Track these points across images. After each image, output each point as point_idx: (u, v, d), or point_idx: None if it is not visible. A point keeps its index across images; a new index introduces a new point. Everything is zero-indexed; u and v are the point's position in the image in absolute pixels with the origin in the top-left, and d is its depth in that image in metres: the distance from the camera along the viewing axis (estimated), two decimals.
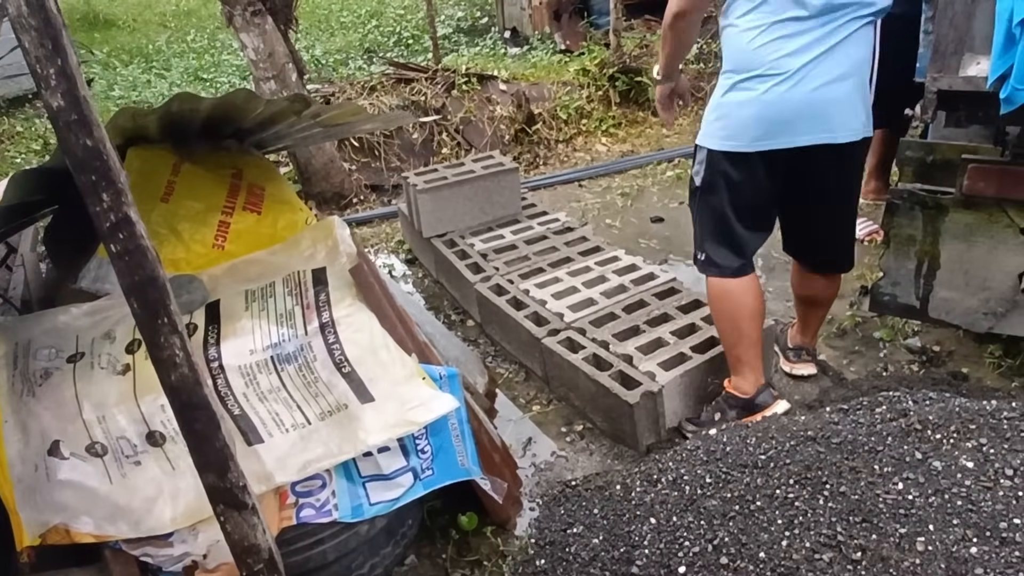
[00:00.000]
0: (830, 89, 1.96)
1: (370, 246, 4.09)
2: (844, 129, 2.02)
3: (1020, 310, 2.26)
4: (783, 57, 1.96)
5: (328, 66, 6.62)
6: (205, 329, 1.64)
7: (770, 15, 1.96)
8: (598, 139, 5.22)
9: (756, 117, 2.03)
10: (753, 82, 2.02)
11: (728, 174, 2.14)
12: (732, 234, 2.22)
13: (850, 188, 2.26)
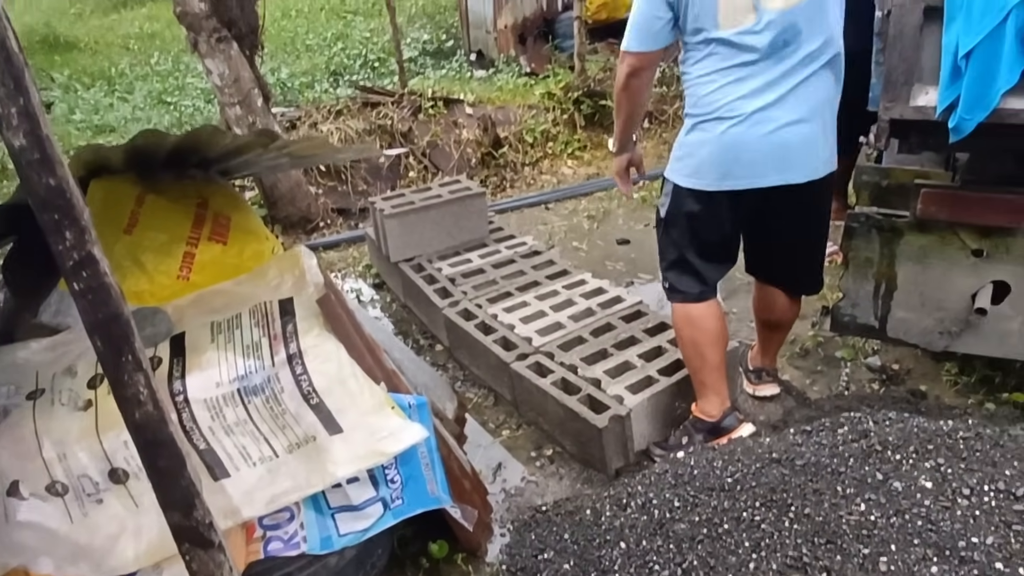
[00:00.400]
0: (788, 131, 2.02)
1: (337, 270, 4.07)
2: (804, 170, 2.07)
3: (973, 329, 2.33)
4: (737, 100, 2.02)
5: (294, 89, 6.61)
6: (170, 362, 1.62)
7: (721, 62, 2.03)
8: (564, 162, 5.27)
9: (716, 158, 2.09)
10: (712, 123, 2.08)
11: (691, 209, 2.19)
12: (693, 265, 2.28)
13: (816, 222, 2.29)
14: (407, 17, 9.72)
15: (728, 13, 1.99)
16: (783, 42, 1.96)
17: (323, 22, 9.61)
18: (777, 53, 1.97)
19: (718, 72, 2.04)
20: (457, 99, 5.35)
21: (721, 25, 2.01)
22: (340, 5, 10.52)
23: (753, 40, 1.97)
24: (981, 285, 2.26)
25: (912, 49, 1.88)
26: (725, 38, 2.01)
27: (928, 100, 1.91)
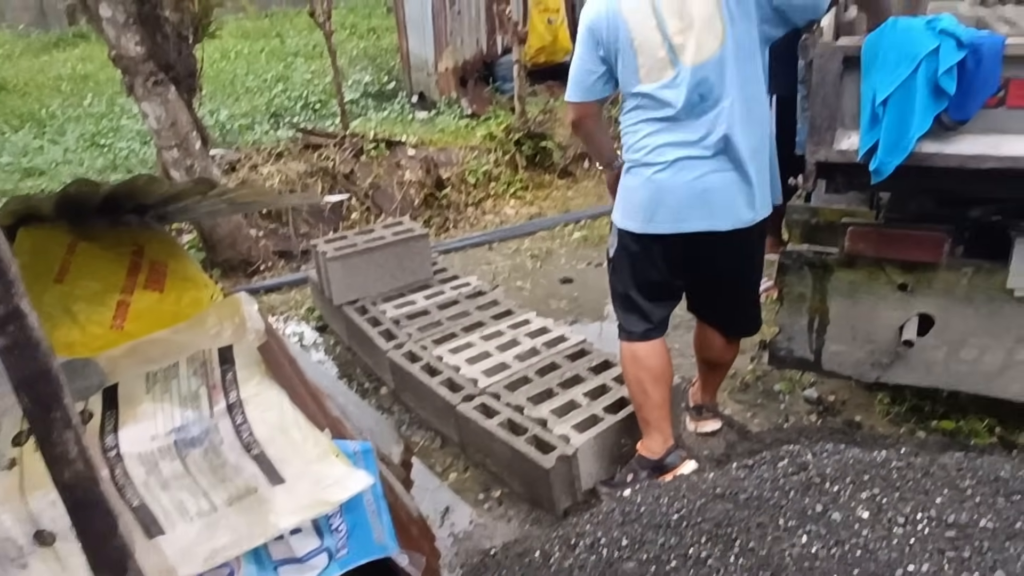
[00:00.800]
0: (711, 179, 2.09)
1: (279, 314, 4.00)
2: (728, 218, 2.13)
3: (902, 360, 2.43)
4: (662, 147, 2.11)
5: (233, 131, 6.54)
6: (102, 415, 1.55)
7: (646, 112, 2.13)
8: (507, 202, 5.33)
9: (645, 201, 2.17)
10: (641, 169, 2.17)
11: (631, 250, 2.27)
12: (637, 304, 2.33)
13: (747, 268, 2.35)
14: (348, 59, 9.77)
15: (648, 70, 2.09)
16: (699, 96, 2.04)
17: (263, 64, 9.56)
18: (697, 106, 2.05)
19: (645, 122, 2.14)
20: (399, 141, 5.38)
21: (642, 80, 2.11)
22: (281, 47, 10.51)
23: (671, 94, 2.06)
24: (907, 318, 2.36)
25: (833, 96, 1.98)
26: (647, 92, 2.11)
27: (850, 144, 2.01)
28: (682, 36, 2.02)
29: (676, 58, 2.04)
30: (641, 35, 2.07)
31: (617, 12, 2.09)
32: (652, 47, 2.06)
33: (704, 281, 2.35)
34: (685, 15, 2.00)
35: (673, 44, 2.03)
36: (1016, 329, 2.24)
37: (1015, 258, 2.15)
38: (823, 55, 1.96)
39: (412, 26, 7.56)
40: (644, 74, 2.10)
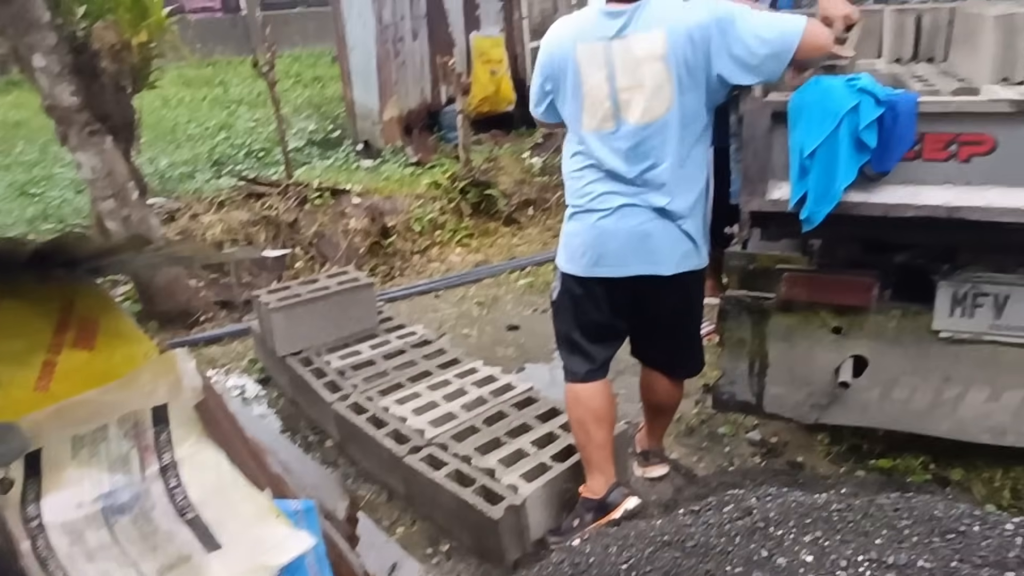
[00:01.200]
0: (653, 226, 2.15)
1: (220, 366, 3.89)
2: (668, 262, 2.19)
3: (839, 402, 2.49)
4: (606, 194, 2.17)
5: (173, 179, 6.42)
6: (24, 483, 1.47)
7: (590, 158, 2.18)
8: (452, 250, 5.34)
9: (587, 246, 2.22)
10: (585, 215, 2.22)
11: (573, 292, 2.31)
12: (580, 345, 2.37)
13: (687, 311, 2.41)
14: (293, 107, 9.74)
15: (591, 116, 2.15)
16: (642, 153, 2.11)
17: (206, 112, 9.47)
18: (636, 161, 2.12)
19: (588, 168, 2.19)
20: (344, 189, 5.37)
21: (584, 126, 2.18)
22: (224, 95, 10.43)
23: (615, 143, 2.13)
24: (842, 360, 2.43)
25: (764, 149, 2.06)
26: (590, 139, 2.16)
27: (782, 194, 2.09)
28: (629, 94, 2.08)
29: (619, 113, 2.10)
30: (590, 82, 2.12)
31: (571, 52, 2.13)
32: (599, 96, 2.12)
33: (646, 323, 2.40)
34: (637, 75, 2.06)
35: (619, 99, 2.09)
36: (943, 369, 2.33)
37: (938, 301, 2.25)
38: (753, 111, 2.04)
39: (357, 76, 7.61)
40: (587, 120, 2.16)
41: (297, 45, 14.20)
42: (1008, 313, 2.20)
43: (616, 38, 2.06)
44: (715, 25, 1.97)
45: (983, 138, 1.90)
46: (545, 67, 2.23)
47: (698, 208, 2.21)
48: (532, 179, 6.01)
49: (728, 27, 1.96)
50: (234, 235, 4.67)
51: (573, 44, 2.13)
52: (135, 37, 3.61)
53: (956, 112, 1.93)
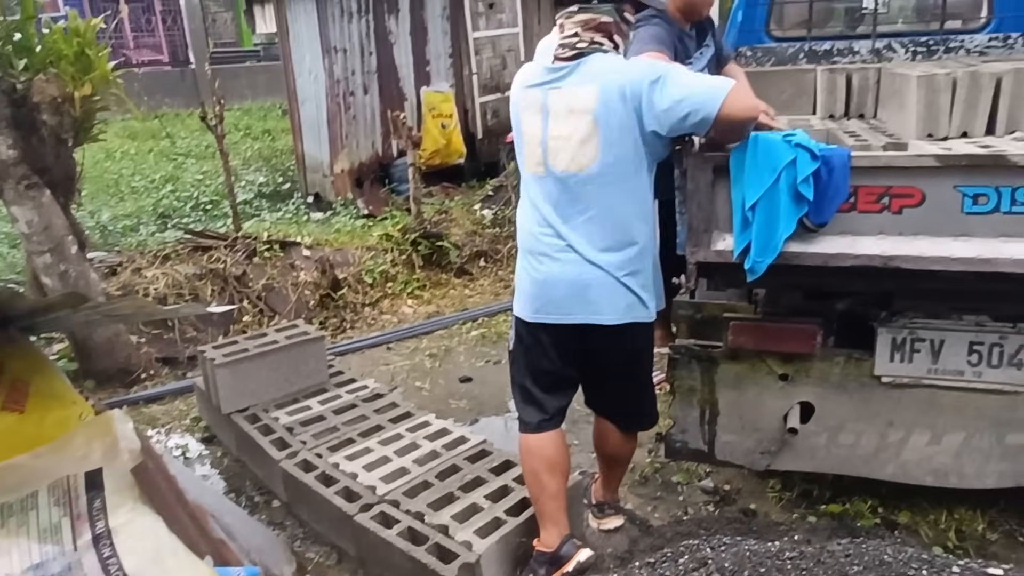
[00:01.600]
0: (591, 275, 2.17)
1: (161, 426, 3.75)
2: (610, 312, 2.20)
3: (789, 448, 2.53)
4: (544, 237, 2.21)
5: (116, 233, 6.27)
6: None
7: (534, 199, 2.24)
8: (404, 301, 5.31)
9: (532, 291, 2.25)
10: (530, 259, 2.26)
11: (524, 338, 2.34)
12: (531, 393, 2.37)
13: (635, 363, 2.39)
14: (243, 160, 9.69)
15: (529, 158, 2.23)
16: (571, 200, 2.15)
17: (152, 164, 9.34)
18: (569, 207, 2.15)
19: (534, 208, 2.24)
20: (294, 241, 5.31)
21: (525, 166, 2.25)
22: (171, 147, 10.32)
23: (546, 188, 2.19)
24: (790, 406, 2.47)
25: (708, 202, 2.12)
26: (530, 178, 2.24)
27: (726, 245, 2.15)
28: (557, 142, 2.14)
29: (546, 159, 2.16)
30: (528, 124, 2.21)
31: (519, 96, 2.25)
32: (533, 140, 2.20)
33: (595, 373, 2.40)
34: (566, 125, 2.12)
35: (548, 146, 2.16)
36: (886, 413, 2.39)
37: (879, 347, 2.31)
38: (695, 165, 2.11)
39: (307, 129, 7.63)
40: (526, 162, 2.24)
41: (248, 98, 14.21)
42: (944, 357, 2.28)
43: (552, 87, 2.14)
44: (647, 84, 2.02)
45: (912, 191, 1.99)
46: (512, 103, 2.33)
47: (640, 263, 2.21)
48: (483, 231, 6.05)
49: (659, 86, 2.01)
50: (179, 289, 4.55)
51: (521, 88, 2.24)
52: (78, 90, 3.55)
53: (886, 166, 2.02)
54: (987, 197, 1.95)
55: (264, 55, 16.15)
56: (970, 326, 2.25)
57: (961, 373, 2.28)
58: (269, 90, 14.08)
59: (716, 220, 2.15)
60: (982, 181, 1.94)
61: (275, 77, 11.03)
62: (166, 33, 16.43)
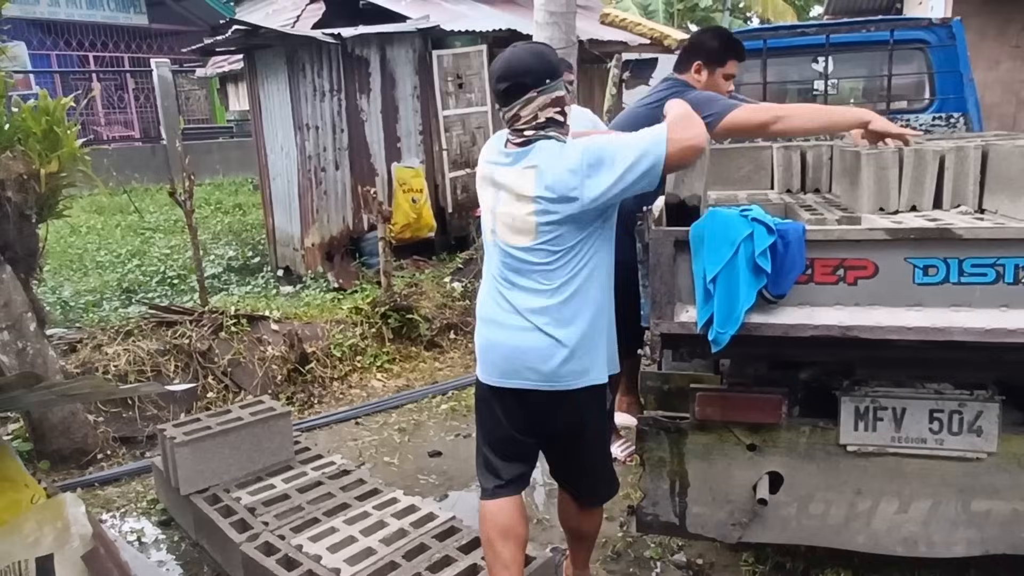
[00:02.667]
0: (533, 339, 2.19)
1: (116, 509, 3.61)
2: (552, 377, 2.20)
3: (760, 519, 2.51)
4: (493, 300, 2.28)
5: (77, 308, 6.17)
6: None
7: (489, 264, 2.32)
8: (373, 375, 5.26)
9: (481, 355, 2.33)
10: (480, 323, 2.33)
11: (480, 402, 2.41)
12: (489, 460, 2.38)
13: (587, 432, 2.35)
14: (212, 234, 9.68)
15: (484, 224, 2.32)
16: (517, 270, 2.21)
17: (119, 239, 9.27)
18: (517, 276, 2.22)
19: (487, 274, 2.33)
20: (262, 315, 5.26)
21: (484, 232, 2.34)
22: (139, 222, 10.28)
23: (498, 255, 2.26)
24: (759, 477, 2.47)
25: (670, 275, 2.17)
26: (487, 243, 2.32)
27: (689, 317, 2.18)
28: (503, 217, 2.22)
29: (495, 228, 2.26)
30: (483, 196, 2.32)
31: (481, 167, 2.34)
32: (486, 210, 2.30)
33: (548, 442, 2.39)
34: (511, 205, 2.19)
35: (496, 214, 2.24)
36: (853, 482, 2.39)
37: (843, 416, 2.34)
38: (657, 239, 2.16)
39: (278, 203, 7.68)
40: (483, 227, 2.34)
41: (220, 173, 14.30)
42: (906, 425, 2.31)
43: (503, 166, 2.22)
44: (586, 164, 2.08)
45: (866, 263, 2.06)
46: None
47: (586, 327, 2.20)
48: (454, 303, 6.07)
49: (599, 161, 2.07)
50: (140, 366, 4.46)
51: (483, 162, 2.34)
52: (45, 167, 3.56)
53: (840, 239, 2.09)
54: (937, 268, 2.02)
55: (237, 131, 16.36)
56: (930, 394, 2.29)
57: (924, 441, 2.31)
58: (241, 166, 14.20)
59: (679, 292, 2.19)
60: (931, 253, 2.02)
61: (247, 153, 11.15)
62: (138, 110, 16.60)
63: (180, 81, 16.34)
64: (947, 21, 4.23)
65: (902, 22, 4.75)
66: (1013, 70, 9.11)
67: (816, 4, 24.18)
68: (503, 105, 2.20)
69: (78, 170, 3.88)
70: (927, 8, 10.40)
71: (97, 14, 17.00)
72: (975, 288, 2.01)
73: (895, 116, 4.26)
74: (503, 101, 2.19)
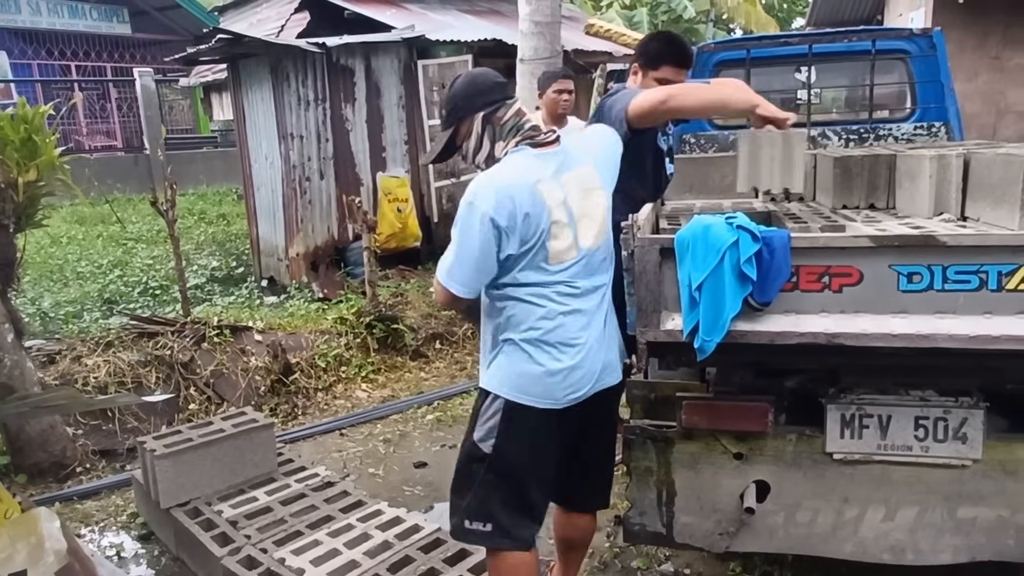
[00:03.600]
0: (609, 334, 2.27)
1: (95, 523, 3.55)
2: (618, 368, 2.30)
3: (747, 528, 2.49)
4: (573, 323, 2.20)
5: (57, 319, 6.08)
6: None
7: (549, 289, 2.20)
8: (358, 385, 5.22)
9: (560, 377, 2.18)
10: (547, 349, 2.17)
11: (534, 433, 2.23)
12: (530, 499, 2.28)
13: (611, 428, 2.42)
14: (196, 244, 9.59)
15: (556, 247, 2.13)
16: (592, 270, 2.22)
17: (99, 249, 9.17)
18: (589, 279, 2.21)
19: (546, 300, 2.18)
20: (245, 326, 5.21)
21: (549, 258, 2.16)
22: (121, 232, 10.17)
23: (575, 270, 2.19)
24: (746, 485, 2.46)
25: (655, 283, 2.16)
26: (547, 270, 2.21)
27: (675, 324, 2.17)
28: (583, 221, 2.15)
29: (578, 242, 2.13)
30: (544, 220, 2.06)
31: (536, 194, 2.06)
32: (561, 229, 2.09)
33: (583, 448, 2.34)
34: (585, 203, 2.16)
35: (577, 222, 2.13)
36: (840, 490, 2.38)
37: (829, 423, 2.34)
38: (642, 247, 2.15)
39: (262, 213, 7.63)
40: (549, 254, 2.09)
41: (204, 183, 14.21)
42: (892, 433, 2.31)
43: (559, 172, 2.13)
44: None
45: (851, 270, 2.06)
46: (504, 229, 2.04)
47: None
48: (439, 313, 6.04)
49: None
50: (121, 378, 4.39)
51: (536, 187, 2.08)
52: (23, 176, 3.51)
53: (825, 247, 2.10)
54: (921, 275, 2.03)
55: (221, 141, 16.28)
56: (915, 401, 2.30)
57: (909, 448, 2.31)
58: (225, 176, 14.12)
59: (664, 300, 2.19)
60: (915, 260, 2.02)
61: (231, 162, 11.09)
62: (121, 120, 16.47)
63: (163, 91, 16.27)
64: (928, 32, 4.27)
65: (884, 32, 4.80)
66: (992, 81, 9.24)
67: (798, 16, 24.48)
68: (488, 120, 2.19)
69: (57, 179, 3.83)
70: (907, 21, 10.55)
71: (79, 23, 16.87)
72: (959, 295, 2.02)
73: (878, 125, 4.30)
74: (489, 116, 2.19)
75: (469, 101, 2.19)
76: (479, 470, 2.19)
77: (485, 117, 2.17)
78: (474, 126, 2.18)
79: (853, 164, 2.91)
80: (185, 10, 17.24)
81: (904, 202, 2.80)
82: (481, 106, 2.17)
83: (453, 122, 2.22)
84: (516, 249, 2.06)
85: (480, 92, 2.19)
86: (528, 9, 6.38)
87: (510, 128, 2.17)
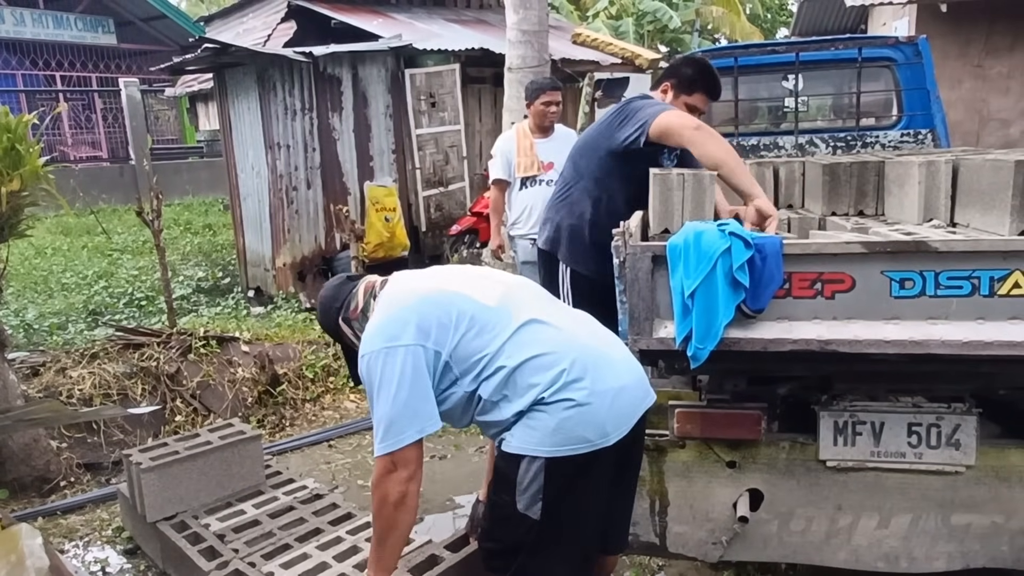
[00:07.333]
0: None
1: (79, 538, 3.48)
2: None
3: (741, 537, 2.48)
4: (602, 342, 2.10)
5: (41, 331, 6.00)
6: None
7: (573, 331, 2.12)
8: (347, 396, 5.17)
9: (605, 411, 1.95)
10: (592, 395, 1.92)
11: (577, 480, 2.00)
12: (581, 563, 2.12)
13: (635, 473, 2.22)
14: (182, 255, 9.53)
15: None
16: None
17: (85, 260, 9.08)
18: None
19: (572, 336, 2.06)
20: (232, 337, 5.16)
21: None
22: (106, 243, 10.09)
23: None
24: (739, 494, 2.44)
25: (648, 290, 2.15)
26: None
27: (668, 332, 2.16)
28: (476, 292, 2.05)
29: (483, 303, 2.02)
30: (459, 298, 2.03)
31: (429, 302, 1.99)
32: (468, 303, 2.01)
33: (617, 486, 2.12)
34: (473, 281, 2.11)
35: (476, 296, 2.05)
36: (834, 498, 2.37)
37: (822, 431, 2.33)
38: (634, 254, 2.14)
39: (249, 223, 7.58)
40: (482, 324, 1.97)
41: (190, 194, 14.13)
42: (885, 439, 2.30)
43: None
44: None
45: (843, 276, 2.06)
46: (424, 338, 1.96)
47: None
48: None
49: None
50: (106, 390, 4.33)
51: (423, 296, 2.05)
52: (6, 185, 3.46)
53: (817, 253, 2.09)
54: (913, 281, 2.02)
55: (208, 151, 16.21)
56: (908, 408, 2.29)
57: (903, 455, 2.30)
58: (211, 186, 14.06)
59: (657, 308, 2.17)
60: (907, 266, 2.02)
61: (218, 173, 11.04)
62: (106, 130, 16.39)
63: (149, 101, 16.19)
64: (914, 39, 4.31)
65: (870, 40, 4.83)
66: (975, 89, 9.36)
67: (782, 26, 24.71)
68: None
69: (41, 189, 3.78)
70: (891, 30, 10.67)
71: (64, 33, 16.79)
72: (951, 301, 2.01)
73: (865, 133, 4.33)
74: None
75: (328, 316, 2.18)
76: (530, 537, 1.95)
77: (344, 320, 2.14)
78: (346, 330, 2.14)
79: (842, 171, 2.92)
80: (171, 20, 17.21)
81: (893, 208, 2.80)
82: (336, 313, 2.15)
83: (337, 340, 2.24)
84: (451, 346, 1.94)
85: (334, 299, 2.17)
86: (516, 18, 6.39)
87: (367, 303, 2.09)
